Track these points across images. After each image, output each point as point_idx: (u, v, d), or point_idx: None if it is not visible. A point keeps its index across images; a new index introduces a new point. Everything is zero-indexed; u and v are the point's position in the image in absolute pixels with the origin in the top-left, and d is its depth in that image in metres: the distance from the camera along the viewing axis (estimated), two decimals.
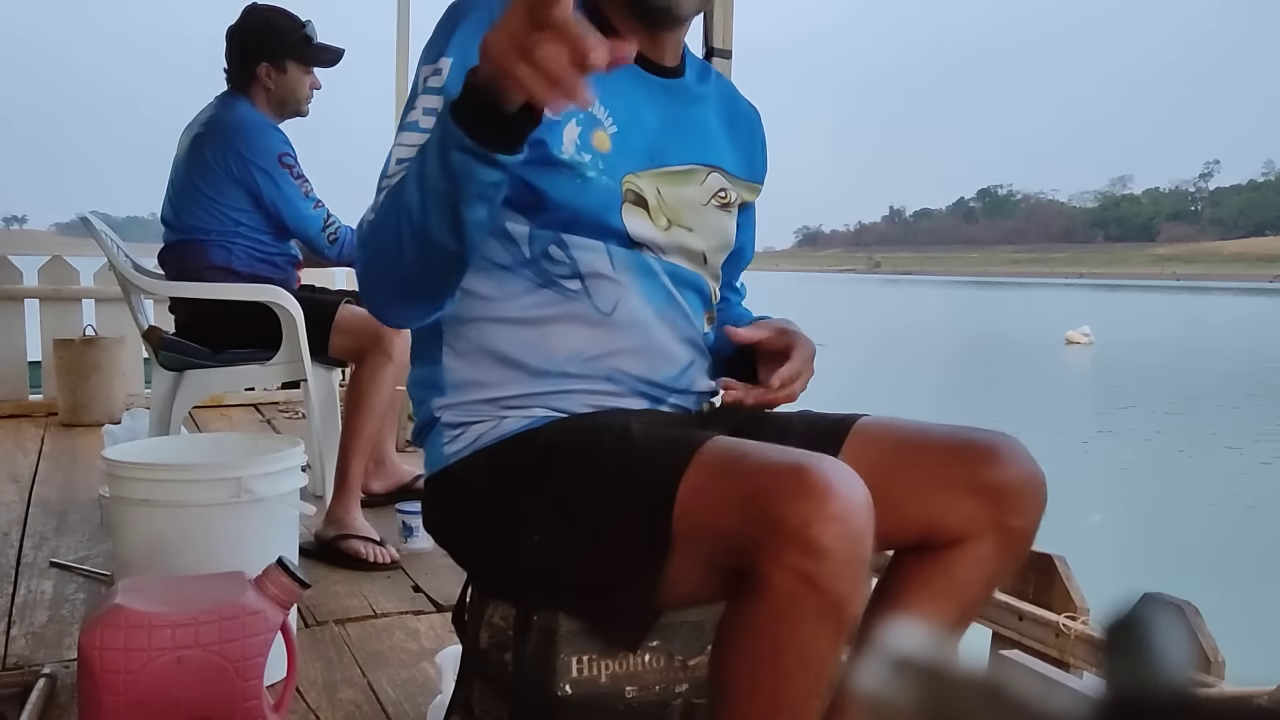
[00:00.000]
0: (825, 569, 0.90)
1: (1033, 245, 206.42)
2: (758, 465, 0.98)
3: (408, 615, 2.13)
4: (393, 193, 1.02)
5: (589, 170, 1.15)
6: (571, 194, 1.14)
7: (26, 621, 2.05)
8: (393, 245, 1.02)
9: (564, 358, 1.18)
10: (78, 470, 3.40)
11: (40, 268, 4.47)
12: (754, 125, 1.39)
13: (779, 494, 0.92)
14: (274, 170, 2.63)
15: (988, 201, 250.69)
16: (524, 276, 1.18)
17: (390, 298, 1.11)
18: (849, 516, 0.91)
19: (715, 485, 0.99)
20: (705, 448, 1.02)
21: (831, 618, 0.92)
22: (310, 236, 2.68)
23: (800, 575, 0.90)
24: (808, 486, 0.92)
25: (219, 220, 2.65)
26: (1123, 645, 0.28)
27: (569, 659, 1.10)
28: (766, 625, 0.94)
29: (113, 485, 1.70)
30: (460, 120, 0.90)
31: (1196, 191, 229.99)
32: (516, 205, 1.15)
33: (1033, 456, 1.16)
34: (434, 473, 1.22)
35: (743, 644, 0.97)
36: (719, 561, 0.99)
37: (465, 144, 0.90)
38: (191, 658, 1.34)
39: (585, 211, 1.16)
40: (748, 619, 0.96)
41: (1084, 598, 1.84)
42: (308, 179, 2.69)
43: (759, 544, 0.92)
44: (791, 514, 0.91)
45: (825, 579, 0.90)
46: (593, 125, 1.16)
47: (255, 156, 2.61)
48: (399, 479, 2.93)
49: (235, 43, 2.75)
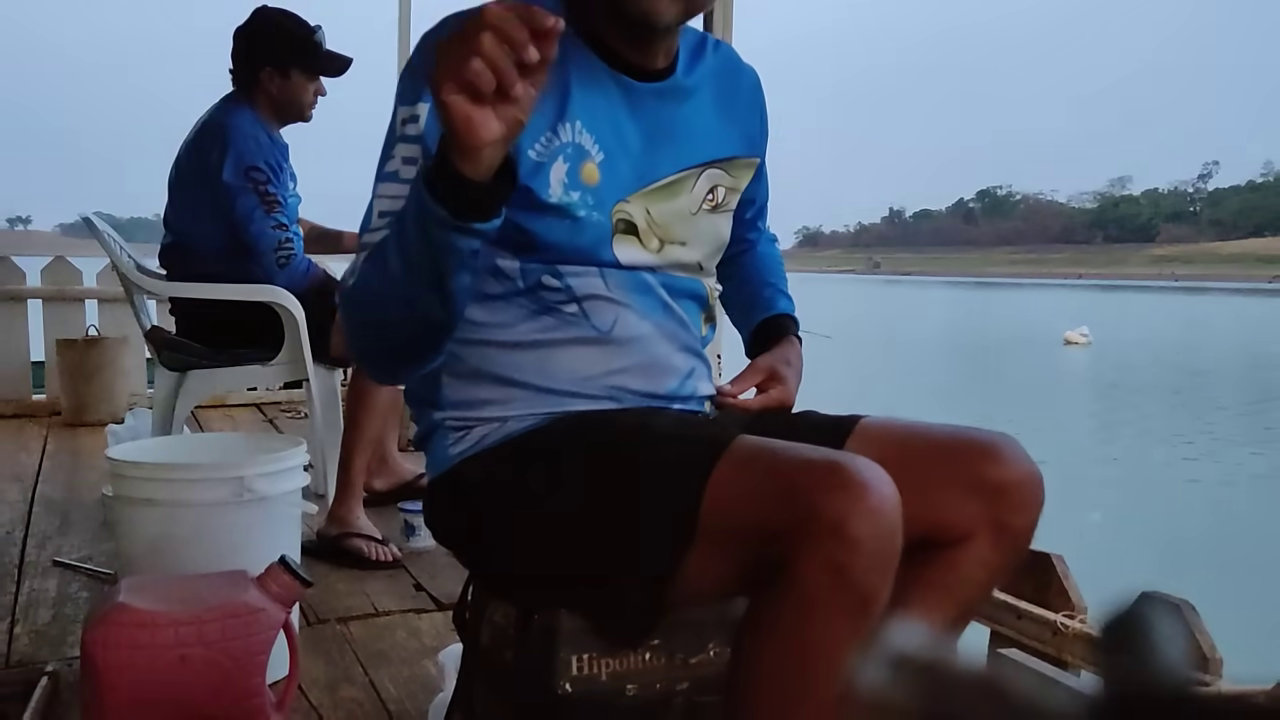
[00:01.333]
0: (858, 562, 0.91)
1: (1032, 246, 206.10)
2: (792, 460, 0.99)
3: (410, 614, 2.14)
4: (374, 259, 1.03)
5: (579, 209, 1.14)
6: (562, 234, 1.14)
7: (30, 620, 2.05)
8: (378, 313, 1.05)
9: (565, 378, 1.17)
10: (81, 470, 3.41)
11: (43, 268, 4.48)
12: (752, 93, 1.37)
13: (815, 488, 0.94)
14: (236, 182, 2.60)
15: (987, 202, 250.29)
16: (519, 305, 1.17)
17: (381, 361, 1.15)
18: (883, 512, 0.93)
19: (747, 479, 1.00)
20: (737, 442, 1.03)
21: (859, 611, 0.93)
22: (259, 252, 2.64)
23: (833, 567, 0.91)
24: (844, 481, 0.93)
25: (217, 222, 2.66)
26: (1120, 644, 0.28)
27: (570, 657, 1.10)
28: (795, 616, 0.95)
29: (116, 485, 1.71)
30: (436, 195, 0.91)
31: (1195, 192, 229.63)
32: (506, 244, 1.14)
33: (1030, 456, 1.16)
34: (438, 474, 1.22)
35: (770, 635, 0.98)
36: (745, 555, 0.99)
37: (444, 219, 0.92)
38: (194, 656, 1.35)
39: (578, 250, 1.15)
40: (776, 610, 0.96)
41: (1082, 596, 1.84)
42: (280, 198, 2.65)
43: (792, 536, 0.93)
44: (828, 506, 0.92)
45: (857, 572, 0.92)
46: (581, 158, 1.14)
47: (225, 167, 2.60)
48: (401, 477, 2.93)
49: (241, 44, 2.75)
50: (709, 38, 1.34)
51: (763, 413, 1.30)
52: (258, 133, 2.68)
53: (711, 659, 1.14)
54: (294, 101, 2.76)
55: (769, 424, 1.25)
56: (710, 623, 1.13)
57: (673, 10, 1.13)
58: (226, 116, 2.70)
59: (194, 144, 2.69)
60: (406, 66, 1.14)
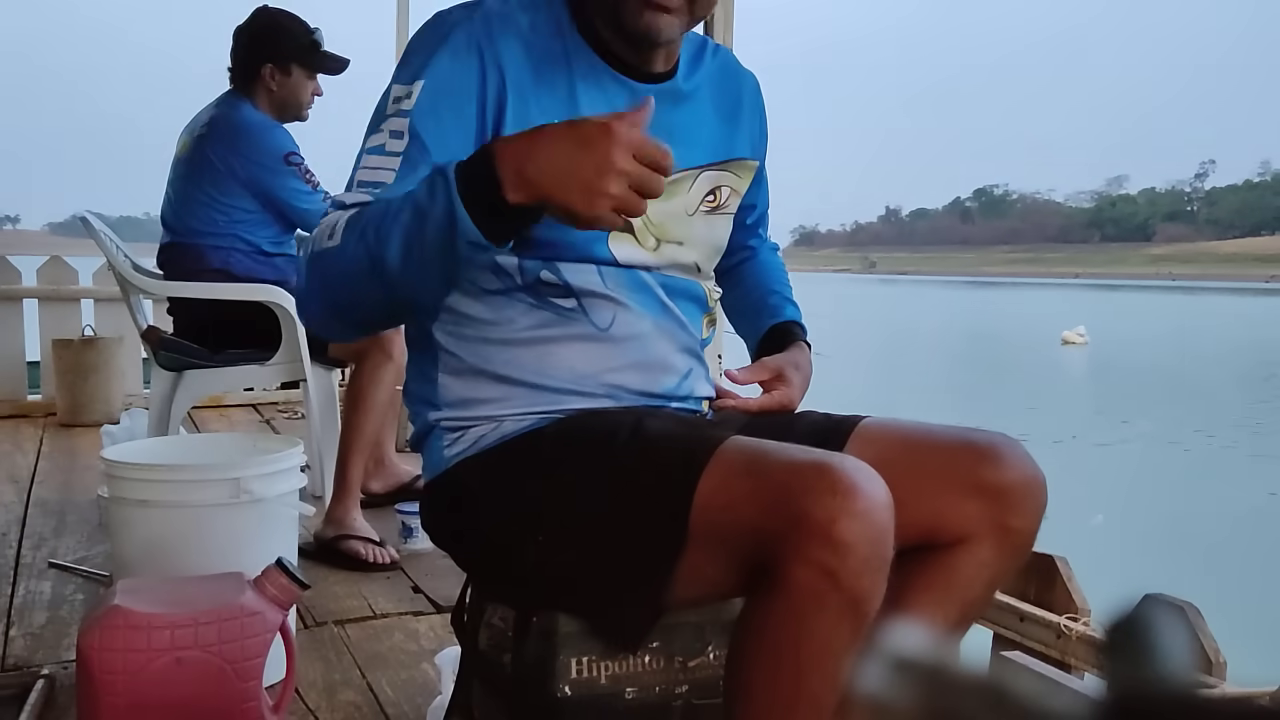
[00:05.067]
0: (848, 565, 0.91)
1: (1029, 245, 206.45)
2: (781, 462, 0.99)
3: (407, 616, 2.13)
4: (362, 235, 1.03)
5: None
6: (557, 231, 1.13)
7: (25, 622, 2.04)
8: (352, 284, 1.06)
9: (563, 376, 1.18)
10: (76, 471, 3.40)
11: (39, 268, 4.47)
12: (752, 97, 1.37)
13: (804, 490, 0.94)
14: (280, 169, 2.64)
15: (984, 201, 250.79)
16: (519, 299, 1.18)
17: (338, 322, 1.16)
18: (873, 514, 0.93)
19: (737, 481, 1.00)
20: (726, 445, 1.03)
21: (851, 614, 0.93)
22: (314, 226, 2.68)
23: (823, 570, 0.91)
24: (833, 483, 0.93)
25: (218, 222, 2.66)
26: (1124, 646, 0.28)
27: (568, 660, 1.10)
28: (786, 620, 0.95)
29: (111, 486, 1.70)
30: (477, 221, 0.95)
31: (1192, 192, 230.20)
32: None
33: (1033, 458, 1.16)
34: (434, 476, 1.22)
35: (762, 639, 0.98)
36: (736, 558, 0.99)
37: (478, 240, 0.96)
38: (190, 659, 1.34)
39: (572, 245, 1.16)
40: (767, 614, 0.96)
41: (1085, 599, 1.84)
42: (314, 174, 2.70)
43: (782, 539, 0.93)
44: (817, 509, 0.92)
45: (847, 575, 0.91)
46: None
47: (261, 157, 2.62)
48: (398, 479, 2.93)
49: (242, 41, 2.76)
50: (709, 42, 1.35)
51: (762, 413, 1.30)
52: (272, 124, 2.71)
53: (710, 661, 1.14)
54: (293, 99, 2.78)
55: (767, 425, 1.25)
56: (709, 625, 1.13)
57: (675, 26, 1.15)
58: (237, 113, 2.71)
59: (204, 140, 2.69)
60: (407, 49, 1.16)
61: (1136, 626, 0.28)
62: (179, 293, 2.72)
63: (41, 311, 4.45)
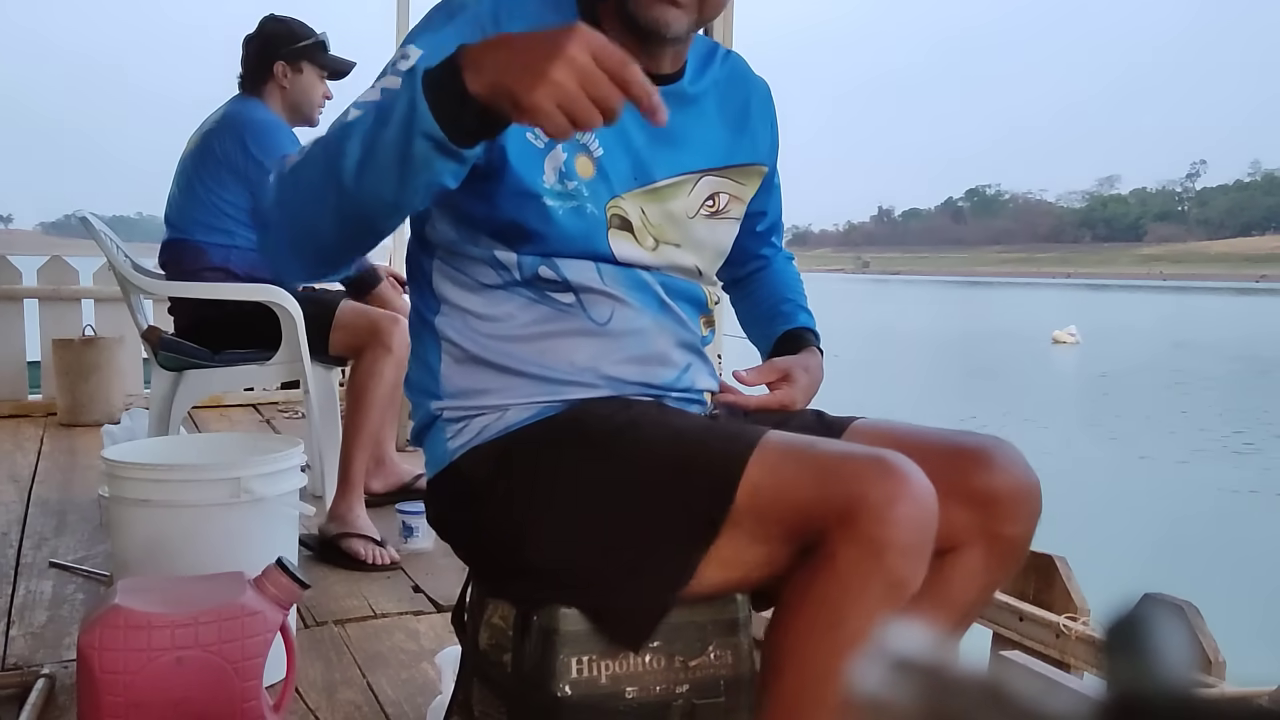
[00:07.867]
0: (897, 545, 0.95)
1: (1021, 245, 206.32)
2: (833, 451, 1.03)
3: (407, 616, 2.13)
4: (323, 144, 1.01)
5: (572, 200, 1.15)
6: (556, 225, 1.15)
7: (26, 622, 2.05)
8: (307, 198, 1.02)
9: (563, 368, 1.18)
10: (77, 470, 3.40)
11: (39, 268, 4.46)
12: (762, 104, 1.36)
13: (861, 475, 0.97)
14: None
15: (976, 201, 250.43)
16: (518, 294, 1.18)
17: (291, 252, 1.09)
18: (925, 503, 0.97)
19: (787, 467, 1.02)
20: (770, 434, 1.06)
21: (893, 596, 0.96)
22: None
23: (873, 551, 0.95)
24: (889, 470, 0.97)
25: (219, 219, 2.66)
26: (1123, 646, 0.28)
27: (569, 659, 1.10)
28: (830, 596, 0.97)
29: (112, 485, 1.70)
30: (435, 112, 0.91)
31: (1183, 192, 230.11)
32: (502, 237, 1.16)
33: (1026, 462, 1.15)
34: (438, 470, 1.22)
35: (803, 613, 1.00)
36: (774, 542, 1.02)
37: (435, 135, 0.91)
38: (191, 658, 1.34)
39: (571, 241, 1.16)
40: (811, 589, 0.99)
41: (1084, 598, 1.84)
42: None
43: (835, 520, 0.96)
44: (874, 491, 0.95)
45: (894, 556, 0.95)
46: (577, 150, 1.16)
47: (262, 154, 2.61)
48: (399, 478, 2.93)
49: (253, 44, 2.79)
50: (719, 47, 1.35)
51: (759, 412, 1.30)
52: (281, 124, 2.71)
53: (711, 661, 1.14)
54: (305, 99, 2.79)
55: (761, 422, 1.25)
56: (710, 625, 1.13)
57: (684, 21, 1.15)
58: (248, 109, 2.73)
59: (211, 134, 2.69)
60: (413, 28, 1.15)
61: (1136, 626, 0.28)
62: (179, 292, 2.71)
63: (42, 311, 4.44)
